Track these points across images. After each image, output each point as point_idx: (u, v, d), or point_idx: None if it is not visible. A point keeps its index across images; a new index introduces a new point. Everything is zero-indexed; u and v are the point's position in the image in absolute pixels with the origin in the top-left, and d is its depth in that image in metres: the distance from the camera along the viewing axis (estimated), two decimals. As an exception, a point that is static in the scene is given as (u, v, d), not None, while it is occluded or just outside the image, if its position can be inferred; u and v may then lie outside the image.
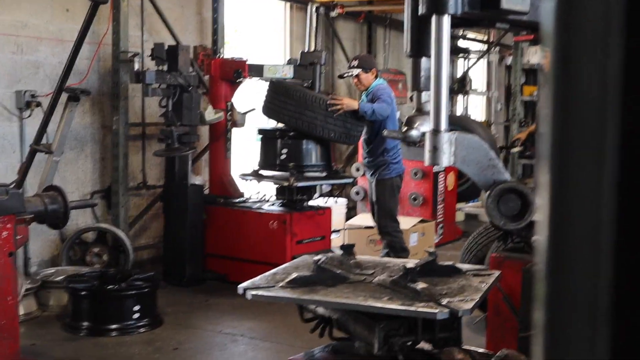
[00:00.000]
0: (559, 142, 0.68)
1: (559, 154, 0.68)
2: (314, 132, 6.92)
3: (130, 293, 5.83)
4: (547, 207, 0.69)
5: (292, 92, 6.93)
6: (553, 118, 0.68)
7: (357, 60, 6.93)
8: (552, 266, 0.68)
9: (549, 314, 0.68)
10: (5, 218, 4.30)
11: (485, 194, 3.16)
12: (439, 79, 3.11)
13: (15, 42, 6.69)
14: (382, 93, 6.70)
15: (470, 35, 13.98)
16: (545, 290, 0.68)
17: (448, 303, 2.90)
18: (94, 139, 7.44)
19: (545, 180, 0.69)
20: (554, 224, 0.68)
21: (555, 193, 0.68)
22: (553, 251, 0.68)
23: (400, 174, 6.96)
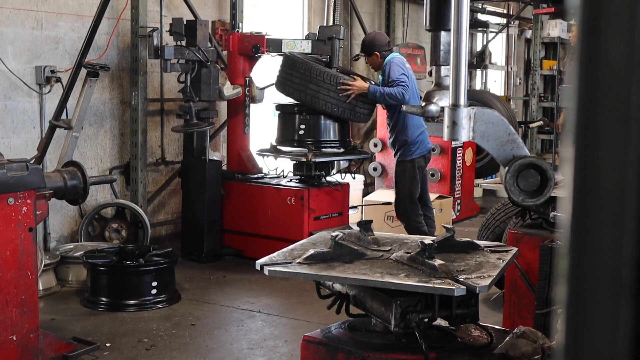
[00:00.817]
0: (584, 117, 0.66)
1: (585, 128, 0.66)
2: (317, 106, 6.88)
3: (148, 269, 5.86)
4: (571, 181, 0.68)
5: (298, 65, 6.91)
6: (579, 92, 0.66)
7: (362, 44, 6.95)
8: (575, 240, 0.66)
9: (572, 289, 0.67)
10: (25, 193, 4.32)
11: (504, 170, 3.14)
12: (458, 53, 3.07)
13: (35, 17, 6.70)
14: (393, 71, 6.55)
15: (490, 8, 13.82)
16: (568, 265, 0.67)
17: (465, 279, 2.88)
18: (113, 115, 7.45)
19: (570, 154, 0.67)
20: (578, 198, 0.67)
21: (580, 167, 0.67)
22: (576, 225, 0.66)
23: (423, 154, 6.80)
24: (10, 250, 4.27)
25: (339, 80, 6.79)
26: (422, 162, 6.80)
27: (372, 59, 6.84)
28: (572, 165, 0.68)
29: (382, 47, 6.80)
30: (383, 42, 6.86)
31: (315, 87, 6.80)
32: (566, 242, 0.68)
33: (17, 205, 4.28)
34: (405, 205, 6.76)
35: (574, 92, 0.67)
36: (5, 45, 6.47)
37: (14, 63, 6.53)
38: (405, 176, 6.74)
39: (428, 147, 6.84)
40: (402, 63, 6.66)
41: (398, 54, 6.89)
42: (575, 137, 0.67)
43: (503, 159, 3.16)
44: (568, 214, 0.68)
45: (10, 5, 6.49)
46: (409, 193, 6.76)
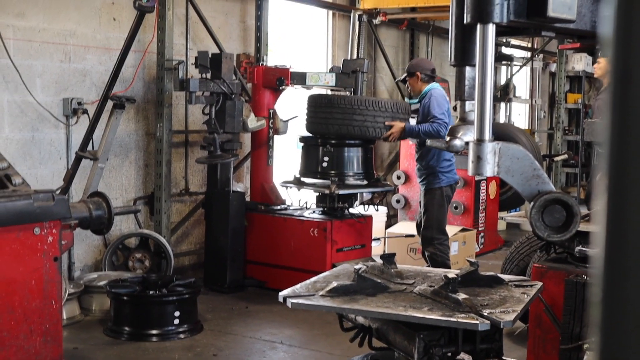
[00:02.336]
0: (617, 152, 0.66)
1: (618, 164, 0.66)
2: (366, 135, 6.91)
3: (171, 299, 5.87)
4: (604, 214, 0.68)
5: (335, 101, 6.97)
6: (612, 127, 0.67)
7: (407, 67, 7.01)
8: (608, 277, 0.66)
9: (605, 335, 0.67)
10: (51, 223, 4.37)
11: (529, 205, 3.13)
12: (483, 88, 3.08)
13: (64, 51, 6.82)
14: (434, 107, 6.52)
15: (514, 42, 13.85)
16: (601, 312, 0.67)
17: (489, 314, 2.87)
18: (138, 146, 7.53)
19: (603, 188, 0.68)
20: (611, 232, 0.67)
21: (613, 200, 0.67)
22: (609, 262, 0.67)
23: (451, 184, 6.77)
24: (36, 280, 4.31)
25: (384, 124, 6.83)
26: (449, 191, 6.78)
27: (412, 80, 6.79)
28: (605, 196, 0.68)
29: (425, 70, 6.78)
30: (427, 67, 6.86)
31: (362, 117, 6.85)
32: (599, 277, 0.68)
33: (42, 235, 4.32)
34: (432, 234, 6.71)
35: (607, 126, 0.68)
36: (34, 78, 6.58)
37: (42, 95, 6.64)
38: (434, 204, 6.70)
39: (455, 177, 6.84)
40: (443, 97, 6.66)
41: (439, 86, 6.84)
42: (608, 171, 0.67)
43: (528, 194, 3.15)
44: (600, 260, 0.68)
45: (40, 39, 6.61)
46: (437, 221, 6.72)
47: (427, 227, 6.76)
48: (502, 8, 3.00)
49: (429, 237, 6.73)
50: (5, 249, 4.17)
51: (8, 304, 4.19)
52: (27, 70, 6.51)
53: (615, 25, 0.65)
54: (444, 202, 6.73)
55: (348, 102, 6.91)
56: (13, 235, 4.20)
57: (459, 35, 3.34)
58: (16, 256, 4.22)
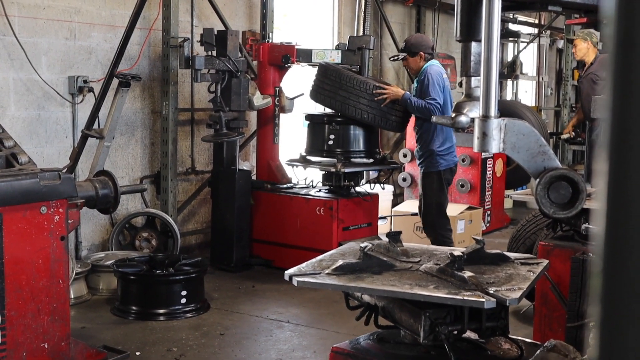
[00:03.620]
0: (618, 130, 0.65)
1: (619, 142, 0.65)
2: (347, 113, 6.85)
3: (178, 278, 5.89)
4: (604, 195, 0.67)
5: (329, 73, 6.91)
6: (613, 105, 0.65)
7: (405, 44, 6.83)
8: (609, 257, 0.65)
9: (606, 306, 0.66)
10: (57, 202, 4.37)
11: (535, 182, 3.11)
12: (489, 63, 3.05)
13: (69, 28, 6.79)
14: (429, 79, 6.38)
15: (521, 18, 13.73)
16: (602, 282, 0.66)
17: (495, 292, 2.86)
18: (144, 124, 7.52)
19: (603, 168, 0.66)
20: (612, 213, 0.66)
21: (613, 181, 0.65)
22: (610, 242, 0.65)
23: (450, 167, 6.62)
24: (43, 259, 4.32)
25: (374, 85, 6.75)
26: (448, 175, 6.63)
27: (413, 60, 6.62)
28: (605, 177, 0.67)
29: (427, 48, 6.63)
30: (428, 44, 6.70)
31: (345, 94, 6.78)
32: (599, 258, 0.67)
33: (49, 214, 4.33)
34: (432, 219, 6.61)
35: (608, 104, 0.66)
36: (40, 56, 6.56)
37: (48, 73, 6.63)
38: (433, 188, 6.58)
39: (455, 160, 6.70)
40: (440, 75, 6.48)
41: (437, 62, 6.69)
42: (609, 150, 0.66)
43: (534, 170, 3.13)
44: (601, 230, 0.67)
45: (45, 16, 6.59)
46: (437, 205, 6.61)
47: (428, 213, 6.66)
48: (509, -18, 2.97)
49: (431, 222, 6.64)
50: (12, 228, 4.17)
51: (15, 283, 4.20)
52: (33, 48, 6.49)
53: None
54: (443, 185, 6.59)
55: (337, 76, 6.84)
56: (19, 215, 4.20)
57: (465, 9, 3.31)
58: (23, 235, 4.22)
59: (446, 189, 6.67)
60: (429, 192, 6.62)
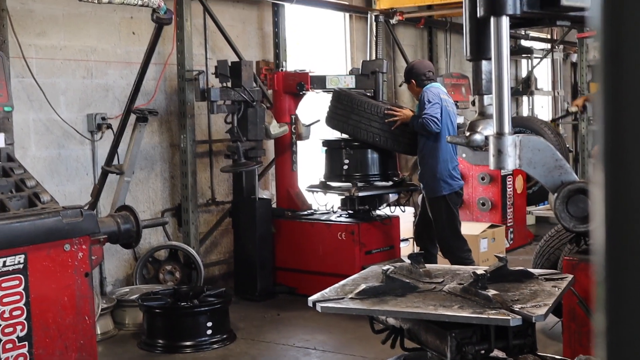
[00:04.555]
0: (612, 140, 0.66)
1: (614, 152, 0.66)
2: (358, 136, 6.92)
3: (202, 309, 5.90)
4: (602, 205, 0.67)
5: (342, 98, 6.98)
6: (605, 116, 0.66)
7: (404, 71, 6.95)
8: (610, 268, 0.66)
9: (609, 317, 0.66)
10: (80, 239, 4.41)
11: (553, 196, 3.10)
12: (500, 81, 3.06)
13: (85, 67, 6.89)
14: (425, 100, 6.38)
15: (533, 34, 13.74)
16: (605, 293, 0.66)
17: (521, 309, 2.84)
18: (163, 158, 7.58)
19: (600, 179, 0.67)
20: (611, 224, 0.66)
21: (610, 191, 0.66)
22: (610, 253, 0.66)
23: (456, 191, 6.50)
24: (68, 296, 4.35)
25: (385, 109, 6.80)
26: (455, 198, 6.53)
27: (410, 87, 6.78)
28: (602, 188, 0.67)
29: (419, 75, 6.64)
30: (421, 71, 6.69)
31: (357, 118, 6.85)
32: (601, 268, 0.67)
33: (73, 251, 4.36)
34: (449, 242, 6.52)
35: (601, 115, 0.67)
36: (58, 96, 6.66)
37: (67, 112, 6.71)
38: (442, 213, 6.48)
39: (460, 183, 6.57)
40: (436, 94, 6.44)
41: (437, 84, 6.71)
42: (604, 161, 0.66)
43: (551, 185, 3.13)
44: (601, 241, 0.67)
45: (62, 56, 6.69)
46: (450, 228, 6.51)
47: (442, 238, 6.58)
48: (515, 0, 2.98)
49: (447, 246, 6.56)
50: (37, 266, 4.21)
51: (42, 321, 4.23)
52: (51, 88, 6.58)
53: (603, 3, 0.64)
54: (451, 208, 6.50)
55: (349, 100, 6.93)
56: (44, 253, 4.25)
57: (473, 29, 3.33)
58: (48, 273, 4.26)
59: (456, 210, 6.58)
60: (439, 218, 6.53)
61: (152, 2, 6.21)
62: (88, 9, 6.79)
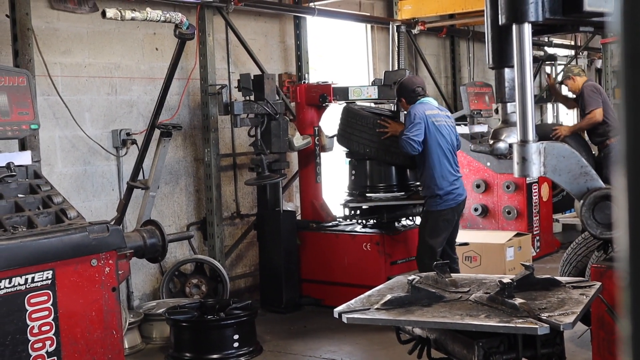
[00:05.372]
0: (633, 145, 0.65)
1: (635, 156, 0.65)
2: (351, 148, 6.98)
3: (229, 322, 5.90)
4: (625, 211, 0.66)
5: (342, 112, 7.08)
6: (627, 120, 0.65)
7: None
8: (634, 273, 0.65)
9: (634, 322, 0.65)
10: (107, 254, 4.44)
11: (579, 203, 3.08)
12: (523, 88, 3.04)
13: (110, 84, 6.96)
14: (408, 120, 6.30)
15: (557, 41, 13.66)
16: (629, 298, 0.66)
17: (548, 317, 2.82)
18: (188, 172, 7.62)
19: (621, 185, 0.66)
20: (633, 229, 0.66)
21: (633, 194, 0.65)
22: (634, 258, 0.65)
23: (451, 207, 6.26)
24: (96, 311, 4.38)
25: (376, 120, 6.81)
26: (450, 215, 6.28)
27: (401, 104, 6.68)
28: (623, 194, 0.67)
29: (408, 92, 6.48)
30: (409, 87, 6.51)
31: (350, 130, 6.93)
32: (625, 275, 0.67)
33: (100, 266, 4.40)
34: (424, 261, 6.13)
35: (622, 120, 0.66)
36: (83, 113, 6.73)
37: (92, 129, 6.78)
38: (426, 228, 6.31)
39: (458, 199, 6.32)
40: (420, 112, 6.25)
41: (427, 99, 6.50)
42: (625, 166, 0.66)
43: (577, 192, 3.10)
44: (625, 246, 0.67)
45: (86, 74, 6.76)
46: (428, 247, 6.25)
47: (418, 254, 6.36)
48: (537, 6, 2.97)
49: (422, 265, 6.17)
50: (65, 282, 4.25)
51: (71, 336, 4.26)
52: (76, 105, 6.66)
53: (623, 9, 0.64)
54: (437, 226, 6.24)
55: (345, 114, 7.00)
56: (71, 268, 4.28)
57: (495, 37, 3.31)
58: (75, 288, 4.29)
59: (445, 228, 6.29)
60: (421, 232, 6.37)
61: (175, 18, 6.27)
62: (112, 26, 6.87)
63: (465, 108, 9.61)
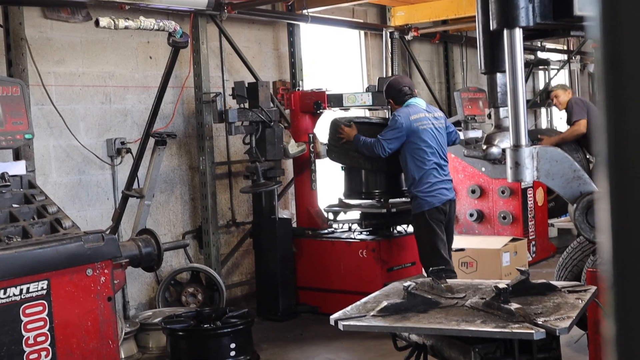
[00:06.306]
0: (614, 147, 0.65)
1: (616, 160, 0.65)
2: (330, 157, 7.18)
3: (226, 331, 5.88)
4: (607, 214, 0.67)
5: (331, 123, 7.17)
6: (607, 124, 0.66)
7: None
8: (617, 275, 0.65)
9: (618, 324, 0.66)
10: (102, 263, 4.43)
11: (573, 207, 3.08)
12: (515, 93, 3.05)
13: (104, 92, 6.96)
14: (390, 122, 6.44)
15: (550, 45, 13.70)
16: (613, 300, 0.66)
17: (544, 322, 2.82)
18: (183, 181, 7.62)
19: (604, 188, 0.67)
20: (616, 231, 0.66)
21: (614, 200, 0.66)
22: (617, 260, 0.65)
23: (436, 206, 6.31)
24: (91, 321, 4.36)
25: (337, 127, 6.91)
26: (437, 214, 6.33)
27: (390, 105, 6.74)
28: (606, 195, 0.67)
29: (395, 92, 6.54)
30: (396, 87, 6.57)
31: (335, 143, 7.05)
32: (609, 275, 0.67)
33: (95, 275, 4.38)
34: (428, 260, 6.24)
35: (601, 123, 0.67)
36: (78, 122, 6.72)
37: (86, 138, 6.77)
38: (421, 229, 6.39)
39: (442, 198, 6.35)
40: (404, 115, 6.35)
41: (415, 100, 6.55)
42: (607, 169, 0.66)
43: (570, 196, 3.11)
44: (608, 249, 0.67)
45: (80, 83, 6.76)
46: (430, 246, 6.35)
47: (422, 256, 6.46)
48: (528, 11, 2.98)
49: (427, 266, 6.24)
50: (60, 292, 4.24)
51: (67, 346, 4.25)
52: (70, 115, 6.65)
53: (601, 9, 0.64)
54: (431, 225, 6.30)
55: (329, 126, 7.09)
56: (66, 278, 4.27)
57: (487, 42, 3.33)
58: (71, 298, 4.28)
59: (438, 228, 6.34)
60: (419, 235, 6.46)
61: (168, 26, 6.27)
62: (105, 35, 6.87)
63: (459, 113, 9.62)
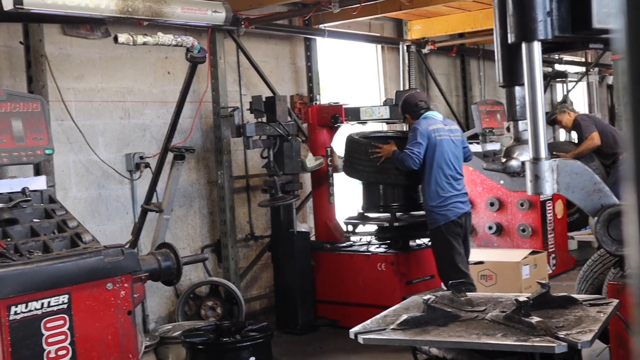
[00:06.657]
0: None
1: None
2: (354, 176, 7.13)
3: (245, 344, 5.88)
4: (635, 227, 0.67)
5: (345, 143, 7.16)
6: (635, 137, 0.66)
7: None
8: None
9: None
10: (122, 277, 4.45)
11: (594, 220, 3.06)
12: (534, 106, 3.05)
13: (123, 108, 7.01)
14: (410, 137, 6.43)
15: (568, 57, 13.66)
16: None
17: (566, 336, 2.80)
18: (201, 195, 7.65)
19: (631, 201, 0.67)
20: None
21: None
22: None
23: (452, 220, 6.31)
24: (112, 334, 4.38)
25: (368, 146, 6.84)
26: (453, 228, 6.33)
27: (406, 120, 6.77)
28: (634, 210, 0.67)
29: (412, 107, 6.58)
30: (412, 102, 6.60)
31: (352, 159, 7.04)
32: (638, 291, 0.67)
33: (115, 289, 4.41)
34: (447, 275, 6.24)
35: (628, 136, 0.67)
36: (97, 137, 6.78)
37: (105, 153, 6.82)
38: (438, 244, 6.41)
39: (458, 212, 6.35)
40: (424, 128, 6.38)
41: (432, 113, 6.58)
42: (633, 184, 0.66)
43: (591, 209, 3.09)
44: (636, 261, 0.67)
45: (99, 98, 6.82)
46: (448, 260, 6.36)
47: (440, 270, 6.48)
48: (546, 24, 2.97)
49: (445, 280, 6.25)
50: (81, 306, 4.26)
51: (87, 360, 4.27)
52: (90, 130, 6.70)
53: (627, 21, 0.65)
54: (447, 238, 6.32)
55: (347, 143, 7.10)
56: (87, 292, 4.29)
57: (505, 55, 3.33)
58: (91, 312, 4.30)
59: (455, 241, 6.35)
60: (436, 249, 6.48)
61: (186, 42, 6.31)
62: (124, 51, 6.93)
63: (477, 126, 9.60)
